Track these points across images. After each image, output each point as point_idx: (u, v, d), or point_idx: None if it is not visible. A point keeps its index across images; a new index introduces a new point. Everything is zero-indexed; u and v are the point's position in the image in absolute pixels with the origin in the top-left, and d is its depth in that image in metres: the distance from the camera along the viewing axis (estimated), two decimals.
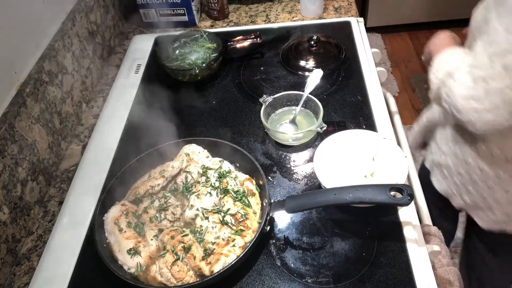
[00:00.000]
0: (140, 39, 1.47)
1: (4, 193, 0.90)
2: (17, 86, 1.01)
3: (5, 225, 0.90)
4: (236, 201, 0.88)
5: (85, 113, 1.28)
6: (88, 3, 1.33)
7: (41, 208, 1.03)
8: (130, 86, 1.29)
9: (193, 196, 0.91)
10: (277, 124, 1.10)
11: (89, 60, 1.31)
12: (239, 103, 1.21)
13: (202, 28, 1.51)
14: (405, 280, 0.79)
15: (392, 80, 2.94)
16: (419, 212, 0.99)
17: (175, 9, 1.48)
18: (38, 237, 0.98)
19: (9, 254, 0.91)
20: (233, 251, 0.79)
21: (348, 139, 0.98)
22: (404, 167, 0.89)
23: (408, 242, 0.84)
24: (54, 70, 1.11)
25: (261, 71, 1.30)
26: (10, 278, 0.90)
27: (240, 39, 1.32)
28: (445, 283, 0.90)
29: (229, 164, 0.97)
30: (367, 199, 0.77)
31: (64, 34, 1.18)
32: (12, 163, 0.93)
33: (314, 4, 1.47)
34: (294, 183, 0.99)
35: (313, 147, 1.05)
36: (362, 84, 1.20)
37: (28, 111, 1.00)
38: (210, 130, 1.14)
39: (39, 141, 1.03)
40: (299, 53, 1.29)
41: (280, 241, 0.88)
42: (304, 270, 0.83)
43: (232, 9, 1.59)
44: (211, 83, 1.28)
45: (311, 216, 0.92)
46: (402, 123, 1.22)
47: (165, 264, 0.79)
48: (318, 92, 1.16)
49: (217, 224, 0.85)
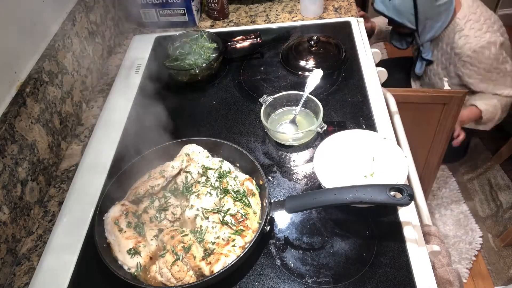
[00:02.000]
0: (140, 39, 1.47)
1: (4, 193, 0.90)
2: (17, 86, 1.01)
3: (5, 225, 0.90)
4: (236, 201, 0.88)
5: (85, 113, 1.28)
6: (88, 3, 1.33)
7: (41, 208, 1.03)
8: (130, 86, 1.29)
9: (193, 196, 0.91)
10: (277, 124, 1.10)
11: (89, 60, 1.31)
12: (239, 103, 1.21)
13: (202, 28, 1.51)
14: (405, 280, 0.79)
15: None
16: (419, 212, 0.99)
17: (175, 9, 1.48)
18: (38, 237, 0.98)
19: (9, 254, 0.91)
20: (233, 251, 0.79)
21: (348, 139, 0.98)
22: (404, 167, 0.89)
23: (408, 242, 0.84)
24: (54, 70, 1.11)
25: (261, 71, 1.30)
26: (10, 278, 0.90)
27: (240, 39, 1.32)
28: (445, 283, 0.90)
29: (229, 164, 0.97)
30: (367, 199, 0.77)
31: (64, 34, 1.18)
32: (12, 163, 0.93)
33: (314, 4, 1.47)
34: (294, 183, 0.99)
35: (313, 147, 1.05)
36: (362, 84, 1.20)
37: (28, 111, 1.00)
38: (210, 130, 1.14)
39: (39, 141, 1.03)
40: (299, 53, 1.29)
41: (280, 241, 0.88)
42: (304, 270, 0.83)
43: (232, 9, 1.59)
44: (211, 83, 1.28)
45: (311, 216, 0.92)
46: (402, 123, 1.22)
47: (165, 264, 0.79)
48: (318, 92, 1.16)
49: (217, 224, 0.85)
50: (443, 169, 2.39)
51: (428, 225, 0.96)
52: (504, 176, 2.33)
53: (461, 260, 2.00)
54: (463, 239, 2.08)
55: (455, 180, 2.36)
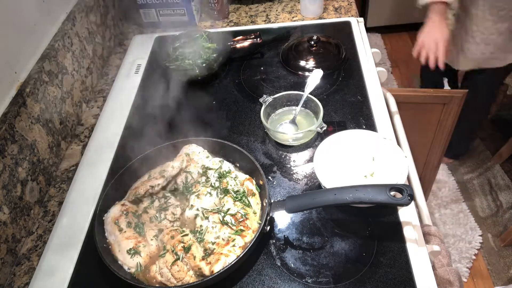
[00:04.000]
0: (140, 39, 1.47)
1: (4, 193, 0.90)
2: (17, 86, 1.01)
3: (5, 225, 0.90)
4: (236, 201, 0.88)
5: (85, 113, 1.28)
6: (88, 3, 1.33)
7: (41, 208, 1.03)
8: (130, 86, 1.29)
9: (193, 196, 0.91)
10: (277, 124, 1.10)
11: (89, 60, 1.31)
12: (239, 103, 1.21)
13: (202, 28, 1.51)
14: (405, 280, 0.79)
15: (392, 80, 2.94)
16: (419, 212, 0.99)
17: (175, 9, 1.47)
18: (38, 237, 0.98)
19: (9, 254, 0.91)
20: (233, 251, 0.79)
21: (348, 139, 0.98)
22: (404, 167, 0.89)
23: (408, 242, 0.84)
24: (54, 70, 1.11)
25: (261, 71, 1.30)
26: (10, 278, 0.90)
27: (240, 39, 1.32)
28: (445, 283, 0.90)
29: (229, 164, 0.97)
30: (367, 199, 0.77)
31: (64, 34, 1.18)
32: (12, 163, 0.93)
33: (314, 4, 1.47)
34: (294, 183, 0.99)
35: (313, 147, 1.05)
36: (362, 84, 1.20)
37: (28, 111, 1.00)
38: (210, 130, 1.13)
39: (39, 141, 1.03)
40: (299, 53, 1.29)
41: (280, 241, 0.88)
42: (304, 270, 0.83)
43: (232, 9, 1.59)
44: (211, 83, 1.28)
45: (311, 216, 0.92)
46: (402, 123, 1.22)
47: (165, 264, 0.79)
48: (318, 92, 1.16)
49: (217, 224, 0.85)
50: (443, 169, 2.39)
51: (428, 225, 0.96)
52: (504, 176, 2.33)
53: (461, 259, 2.00)
54: (463, 238, 2.08)
55: (455, 180, 2.36)
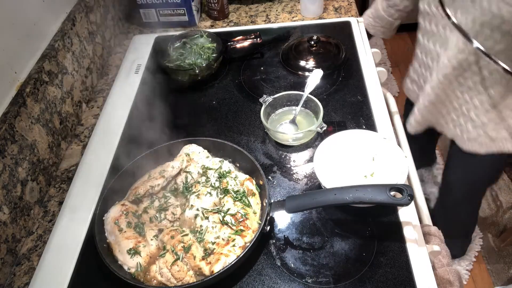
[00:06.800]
0: (140, 39, 1.47)
1: (4, 193, 0.90)
2: (17, 86, 1.01)
3: (5, 225, 0.90)
4: (236, 201, 0.88)
5: (85, 113, 1.28)
6: (88, 3, 1.33)
7: (41, 208, 1.03)
8: (130, 86, 1.28)
9: (193, 196, 0.91)
10: (277, 124, 1.10)
11: (89, 60, 1.31)
12: (239, 103, 1.21)
13: (202, 28, 1.51)
14: (405, 280, 0.79)
15: (392, 80, 2.94)
16: (419, 212, 0.99)
17: (175, 9, 1.47)
18: (38, 237, 0.98)
19: (9, 254, 0.91)
20: (233, 251, 0.79)
21: (348, 139, 0.98)
22: (404, 167, 0.89)
23: (408, 242, 0.84)
24: (54, 70, 1.11)
25: (261, 71, 1.30)
26: (10, 278, 0.90)
27: (240, 39, 1.32)
28: (445, 283, 0.90)
29: (229, 164, 0.97)
30: (367, 199, 0.77)
31: (64, 34, 1.18)
32: (12, 163, 0.93)
33: (314, 4, 1.47)
34: (294, 183, 0.99)
35: (313, 147, 1.05)
36: (362, 84, 1.20)
37: (28, 111, 1.00)
38: (210, 130, 1.13)
39: (39, 141, 1.03)
40: (299, 53, 1.29)
41: (280, 241, 0.88)
42: (304, 270, 0.83)
43: (232, 9, 1.59)
44: (211, 83, 1.28)
45: (311, 216, 0.92)
46: (402, 123, 1.22)
47: (165, 264, 0.79)
48: (318, 92, 1.16)
49: (217, 224, 0.85)
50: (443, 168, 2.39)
51: (428, 225, 0.96)
52: (504, 176, 2.33)
53: (461, 260, 1.99)
54: None
55: None
